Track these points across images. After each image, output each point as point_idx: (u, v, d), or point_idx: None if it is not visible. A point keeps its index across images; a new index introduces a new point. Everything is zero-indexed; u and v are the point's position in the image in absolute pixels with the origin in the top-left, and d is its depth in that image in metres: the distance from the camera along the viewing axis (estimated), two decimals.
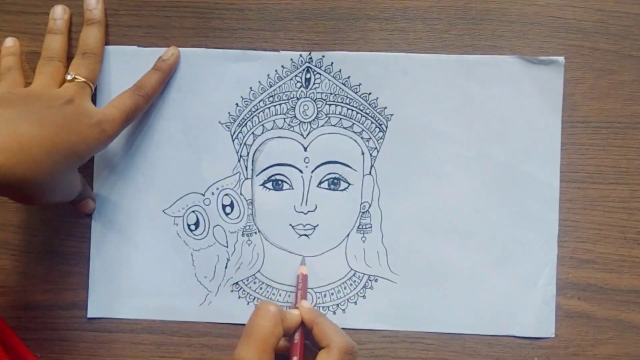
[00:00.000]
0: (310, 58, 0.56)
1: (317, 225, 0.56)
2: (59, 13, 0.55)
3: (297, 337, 0.50)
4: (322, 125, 0.56)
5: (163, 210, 0.57)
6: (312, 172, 0.56)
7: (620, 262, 0.55)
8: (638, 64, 0.56)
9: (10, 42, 0.56)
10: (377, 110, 0.56)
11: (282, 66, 0.56)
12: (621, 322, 0.55)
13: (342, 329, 0.56)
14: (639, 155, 0.56)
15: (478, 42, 0.56)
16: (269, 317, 0.48)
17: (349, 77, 0.56)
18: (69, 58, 0.55)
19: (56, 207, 0.56)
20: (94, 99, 0.55)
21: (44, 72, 0.53)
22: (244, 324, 0.55)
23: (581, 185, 0.56)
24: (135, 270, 0.56)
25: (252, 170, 0.56)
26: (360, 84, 0.56)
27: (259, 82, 0.56)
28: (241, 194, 0.56)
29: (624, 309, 0.55)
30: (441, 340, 0.56)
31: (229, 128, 0.56)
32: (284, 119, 0.56)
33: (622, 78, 0.56)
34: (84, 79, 0.53)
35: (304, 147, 0.56)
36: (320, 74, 0.56)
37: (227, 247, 0.56)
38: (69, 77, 0.53)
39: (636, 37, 0.55)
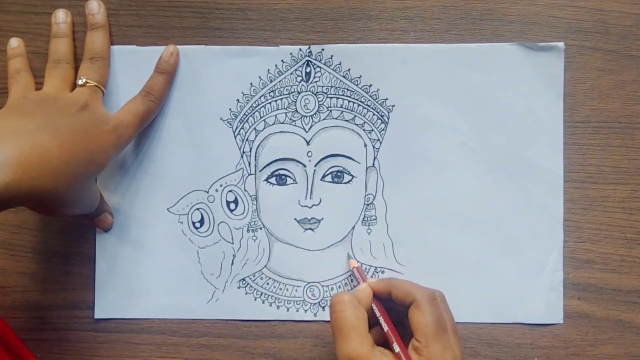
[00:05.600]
0: (310, 52, 0.56)
1: (322, 218, 0.56)
2: (61, 17, 0.56)
3: (377, 310, 0.51)
4: (324, 119, 0.56)
5: (167, 209, 0.56)
6: (316, 165, 0.56)
7: (621, 262, 0.55)
8: (638, 64, 0.56)
9: (15, 42, 0.56)
10: (379, 102, 0.56)
11: (282, 61, 0.56)
12: (621, 322, 0.55)
13: None
14: (639, 155, 0.56)
15: (478, 42, 0.56)
16: (347, 306, 0.48)
17: (349, 70, 0.56)
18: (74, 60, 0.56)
19: None
20: None
21: (55, 75, 0.54)
22: (251, 320, 0.56)
23: (581, 185, 0.56)
24: (141, 270, 0.56)
25: (255, 166, 0.56)
26: (360, 76, 0.56)
27: (260, 77, 0.56)
28: (245, 190, 0.56)
29: (624, 309, 0.55)
30: None
31: (230, 124, 0.56)
32: (286, 113, 0.56)
33: (622, 78, 0.56)
34: (95, 83, 0.53)
35: (306, 141, 0.56)
36: (320, 67, 0.56)
37: (232, 243, 0.56)
38: (80, 82, 0.53)
39: (636, 37, 0.56)
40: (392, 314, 0.50)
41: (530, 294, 0.55)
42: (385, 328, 0.49)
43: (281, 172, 0.56)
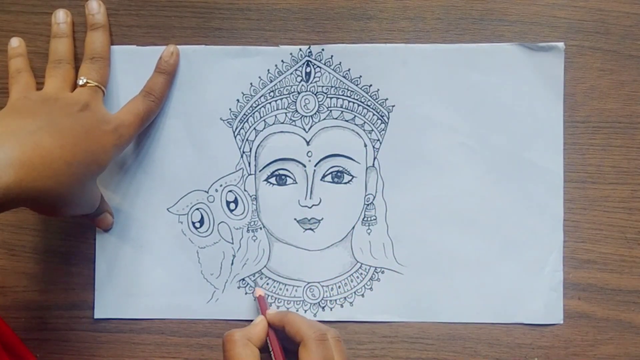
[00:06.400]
0: (310, 52, 0.56)
1: (322, 218, 0.56)
2: (61, 17, 0.56)
3: (270, 344, 0.52)
4: (324, 119, 0.56)
5: (167, 209, 0.57)
6: (316, 165, 0.56)
7: (621, 262, 0.55)
8: (638, 64, 0.56)
9: (16, 42, 0.56)
10: (379, 102, 0.56)
11: (282, 61, 0.56)
12: (621, 322, 0.55)
13: (351, 322, 0.56)
14: (639, 155, 0.56)
15: (478, 42, 0.56)
16: (237, 344, 0.49)
17: (349, 70, 0.56)
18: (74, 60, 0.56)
19: None
20: None
21: (55, 75, 0.54)
22: (251, 320, 0.55)
23: (581, 185, 0.56)
24: (141, 270, 0.56)
25: (255, 166, 0.56)
26: (360, 76, 0.56)
27: (260, 77, 0.56)
28: (245, 190, 0.56)
29: (624, 309, 0.55)
30: (441, 340, 0.56)
31: (230, 124, 0.56)
32: (286, 113, 0.56)
33: (622, 78, 0.56)
34: (96, 83, 0.53)
35: (306, 141, 0.56)
36: (320, 67, 0.56)
37: (232, 243, 0.56)
38: (81, 82, 0.53)
39: (636, 37, 0.56)
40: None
41: (530, 294, 0.55)
42: None
43: (281, 172, 0.56)
